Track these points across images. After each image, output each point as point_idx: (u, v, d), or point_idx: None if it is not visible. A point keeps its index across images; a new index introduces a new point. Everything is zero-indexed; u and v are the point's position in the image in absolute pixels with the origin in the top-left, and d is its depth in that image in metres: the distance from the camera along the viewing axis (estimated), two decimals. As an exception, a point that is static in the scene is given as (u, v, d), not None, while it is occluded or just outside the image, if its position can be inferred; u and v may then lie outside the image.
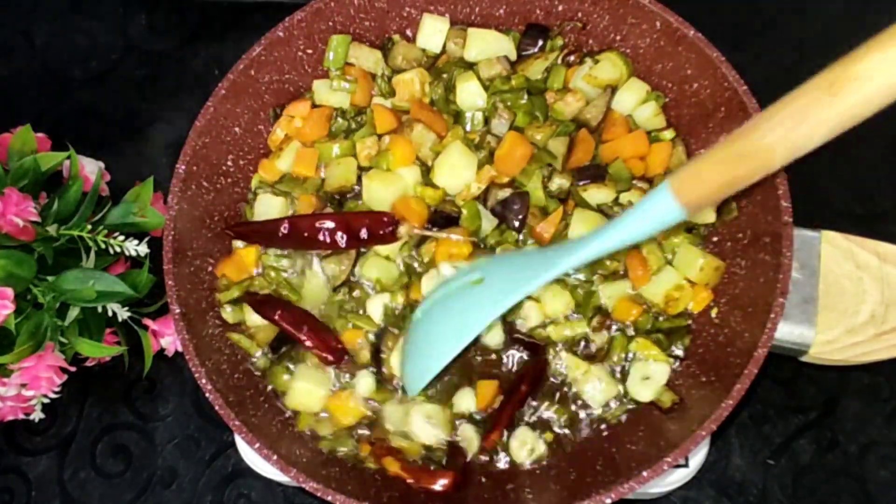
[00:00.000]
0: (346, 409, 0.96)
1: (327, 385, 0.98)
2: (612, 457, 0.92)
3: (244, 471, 1.11)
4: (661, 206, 0.77)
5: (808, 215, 0.93)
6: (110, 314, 1.05)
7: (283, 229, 0.99)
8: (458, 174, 1.01)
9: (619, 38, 1.07)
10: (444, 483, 0.90)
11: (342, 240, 0.99)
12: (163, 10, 1.45)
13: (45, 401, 1.05)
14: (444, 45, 1.09)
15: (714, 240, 1.00)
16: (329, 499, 0.83)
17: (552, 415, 0.96)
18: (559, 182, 1.00)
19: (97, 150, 1.19)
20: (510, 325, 0.98)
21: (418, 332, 0.94)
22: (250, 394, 0.96)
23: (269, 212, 1.04)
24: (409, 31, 1.12)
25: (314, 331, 0.97)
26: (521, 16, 1.11)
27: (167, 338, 1.10)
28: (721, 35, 0.98)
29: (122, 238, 1.03)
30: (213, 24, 1.43)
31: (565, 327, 0.97)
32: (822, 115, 0.65)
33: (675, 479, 0.96)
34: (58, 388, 1.03)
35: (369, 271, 1.00)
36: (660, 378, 0.95)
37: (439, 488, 0.90)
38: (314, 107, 1.09)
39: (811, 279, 0.94)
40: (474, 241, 1.00)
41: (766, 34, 1.33)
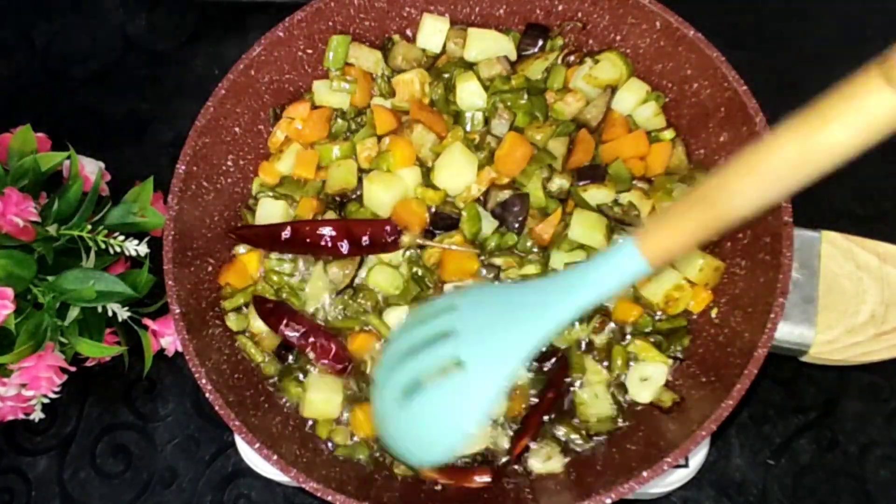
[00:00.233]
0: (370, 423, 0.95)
1: (341, 389, 0.97)
2: (612, 457, 0.92)
3: (244, 471, 1.11)
4: (627, 262, 0.73)
5: (808, 215, 0.93)
6: (110, 314, 1.05)
7: (286, 234, 0.99)
8: (459, 175, 1.01)
9: (619, 38, 1.07)
10: (485, 479, 0.90)
11: (344, 247, 0.98)
12: (163, 10, 1.45)
13: (45, 401, 1.05)
14: (444, 45, 1.09)
15: (714, 240, 1.00)
16: (329, 499, 0.83)
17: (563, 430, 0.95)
18: (559, 182, 1.00)
19: (97, 150, 1.19)
20: None
21: (400, 417, 0.80)
22: (250, 394, 0.96)
23: (269, 216, 1.04)
24: (409, 31, 1.12)
25: (321, 341, 0.97)
26: (521, 16, 1.11)
27: (167, 338, 1.10)
28: (721, 35, 0.98)
29: (122, 238, 1.03)
30: (213, 24, 1.42)
31: (570, 330, 0.97)
32: (790, 173, 0.65)
33: (675, 479, 0.96)
34: (58, 388, 1.03)
35: (375, 278, 1.00)
36: (658, 379, 0.95)
37: (480, 484, 0.90)
38: (314, 108, 1.09)
39: (811, 279, 0.94)
40: (478, 252, 0.99)
41: (766, 34, 1.32)
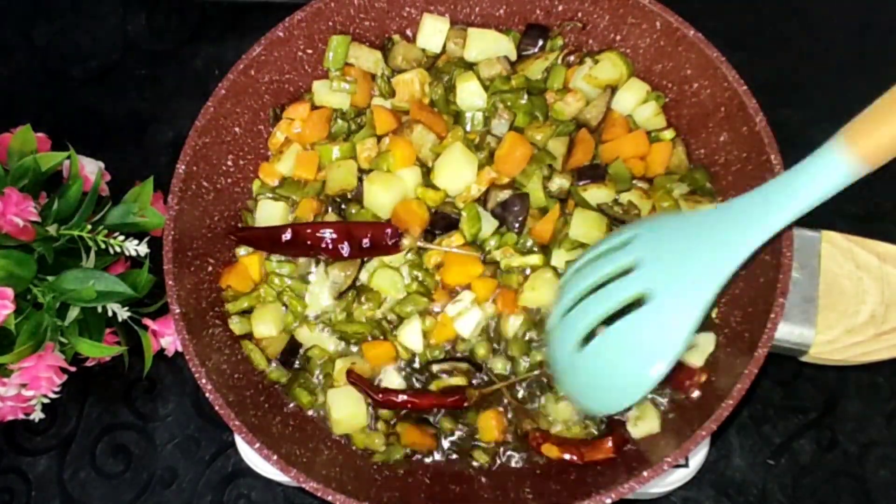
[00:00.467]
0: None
1: (362, 398, 0.97)
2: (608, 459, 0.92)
3: (244, 471, 1.11)
4: (834, 166, 0.67)
5: (809, 215, 0.93)
6: (110, 314, 1.05)
7: (286, 236, 0.99)
8: (459, 175, 1.01)
9: (619, 38, 1.07)
10: (609, 446, 0.90)
11: (345, 249, 0.98)
12: (163, 10, 1.45)
13: (45, 401, 1.05)
14: (444, 45, 1.09)
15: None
16: (329, 499, 0.83)
17: None
18: (559, 182, 1.00)
19: (97, 150, 1.19)
20: None
21: (584, 363, 0.85)
22: (250, 394, 0.96)
23: (270, 217, 1.04)
24: (409, 31, 1.12)
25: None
26: (521, 16, 1.11)
27: (167, 338, 1.10)
28: (721, 35, 0.98)
29: (122, 238, 1.03)
30: (213, 24, 1.43)
31: None
32: None
33: (675, 479, 0.96)
34: (58, 388, 1.03)
35: (377, 281, 0.99)
36: (707, 346, 0.94)
37: (607, 454, 0.90)
38: (314, 108, 1.09)
39: (811, 279, 0.94)
40: (480, 254, 0.98)
41: (766, 34, 1.33)
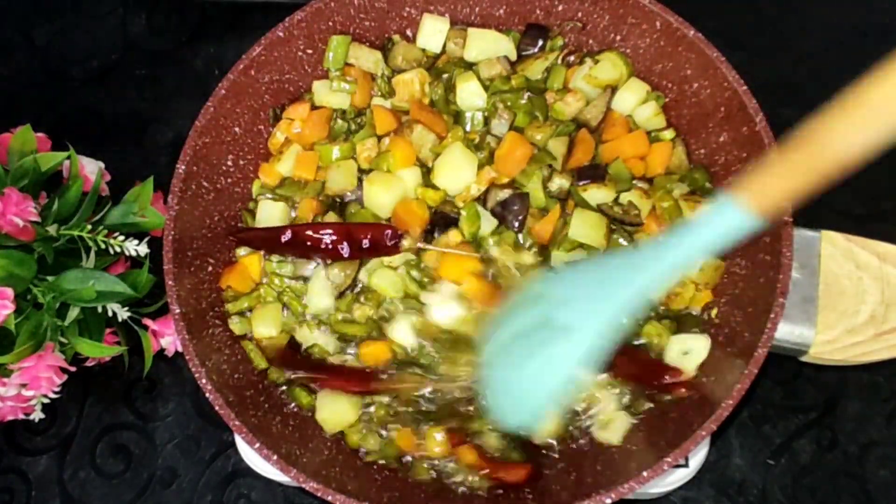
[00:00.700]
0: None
1: (351, 399, 0.97)
2: (612, 457, 0.92)
3: (244, 471, 1.11)
4: (730, 218, 0.70)
5: (808, 215, 0.93)
6: (110, 314, 1.05)
7: (286, 237, 0.99)
8: (459, 175, 1.01)
9: (619, 38, 1.07)
10: (520, 474, 0.90)
11: (345, 250, 0.98)
12: (163, 10, 1.45)
13: (45, 401, 1.05)
14: (444, 45, 1.09)
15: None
16: (329, 499, 0.83)
17: None
18: (559, 182, 1.00)
19: (97, 150, 1.19)
20: None
21: (504, 386, 0.88)
22: (250, 394, 0.96)
23: (270, 217, 1.04)
24: (409, 31, 1.12)
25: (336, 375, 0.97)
26: (521, 16, 1.11)
27: (167, 338, 1.10)
28: (721, 35, 0.98)
29: (122, 238, 1.03)
30: (213, 24, 1.42)
31: None
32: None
33: (675, 479, 0.96)
34: (58, 388, 1.03)
35: (376, 281, 0.99)
36: (701, 352, 0.93)
37: (515, 479, 0.90)
38: (314, 108, 1.09)
39: (811, 279, 0.94)
40: (479, 255, 0.98)
41: (766, 34, 1.32)
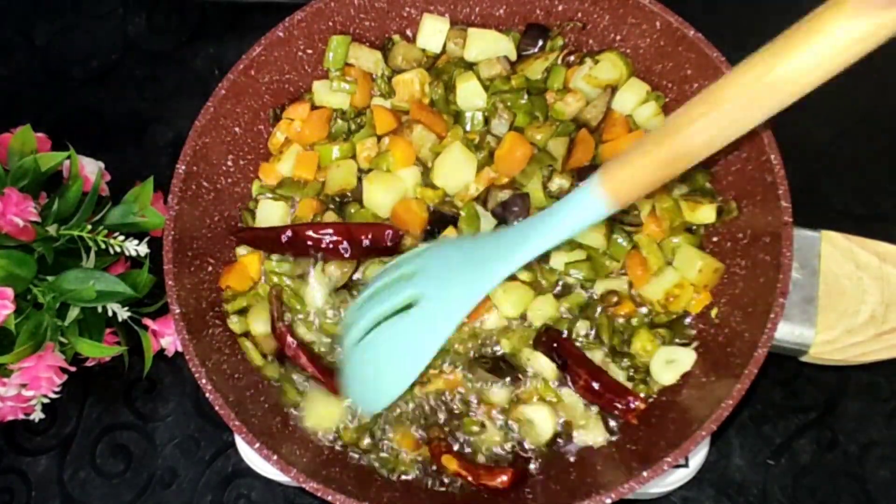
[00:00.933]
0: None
1: (337, 402, 0.97)
2: (612, 457, 0.92)
3: (244, 471, 1.11)
4: (588, 204, 0.78)
5: (808, 215, 0.93)
6: (110, 314, 1.05)
7: (286, 236, 0.99)
8: (458, 174, 1.01)
9: (619, 38, 1.07)
10: (504, 479, 0.90)
11: (345, 249, 0.98)
12: (163, 10, 1.45)
13: (45, 401, 1.05)
14: (444, 45, 1.09)
15: (714, 240, 1.00)
16: (329, 499, 0.83)
17: None
18: (559, 182, 1.00)
19: (97, 150, 1.19)
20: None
21: (358, 357, 0.94)
22: (250, 394, 0.96)
23: (270, 217, 1.04)
24: (409, 31, 1.12)
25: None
26: (521, 16, 1.11)
27: (167, 338, 1.10)
28: (721, 35, 0.98)
29: (122, 238, 1.03)
30: (213, 24, 1.43)
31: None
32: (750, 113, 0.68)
33: (675, 479, 0.96)
34: (58, 388, 1.03)
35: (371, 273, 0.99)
36: (685, 363, 0.94)
37: (498, 485, 0.90)
38: (314, 108, 1.09)
39: (811, 279, 0.94)
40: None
41: (766, 34, 1.32)
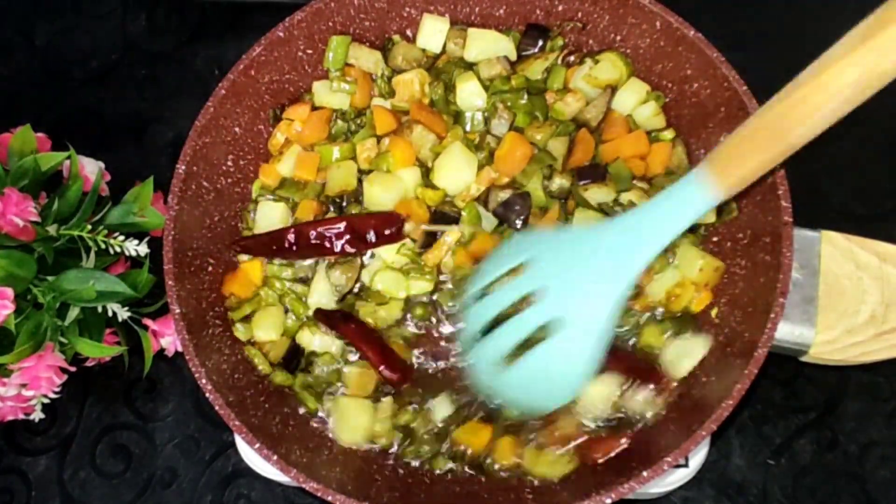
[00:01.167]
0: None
1: (368, 410, 0.96)
2: (612, 457, 0.92)
3: (244, 471, 1.11)
4: (699, 193, 0.73)
5: (808, 215, 0.93)
6: (110, 314, 1.05)
7: (290, 237, 0.99)
8: (459, 175, 1.01)
9: (619, 38, 1.07)
10: (626, 441, 0.90)
11: (350, 243, 0.98)
12: (163, 10, 1.45)
13: (45, 401, 1.05)
14: (444, 46, 1.09)
15: (714, 239, 1.00)
16: (329, 499, 0.83)
17: None
18: (559, 182, 1.00)
19: (97, 150, 1.19)
20: None
21: (503, 379, 0.89)
22: (250, 394, 0.96)
23: (270, 218, 1.04)
24: (409, 32, 1.12)
25: (381, 349, 0.96)
26: (521, 16, 1.11)
27: (167, 338, 1.10)
28: (721, 35, 0.98)
29: (122, 238, 1.03)
30: (213, 24, 1.43)
31: None
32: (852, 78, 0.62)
33: (675, 479, 0.96)
34: (58, 388, 1.03)
35: (379, 284, 0.99)
36: (697, 353, 0.93)
37: (621, 447, 0.90)
38: (314, 109, 1.09)
39: (811, 279, 0.94)
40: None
41: (766, 34, 1.32)
